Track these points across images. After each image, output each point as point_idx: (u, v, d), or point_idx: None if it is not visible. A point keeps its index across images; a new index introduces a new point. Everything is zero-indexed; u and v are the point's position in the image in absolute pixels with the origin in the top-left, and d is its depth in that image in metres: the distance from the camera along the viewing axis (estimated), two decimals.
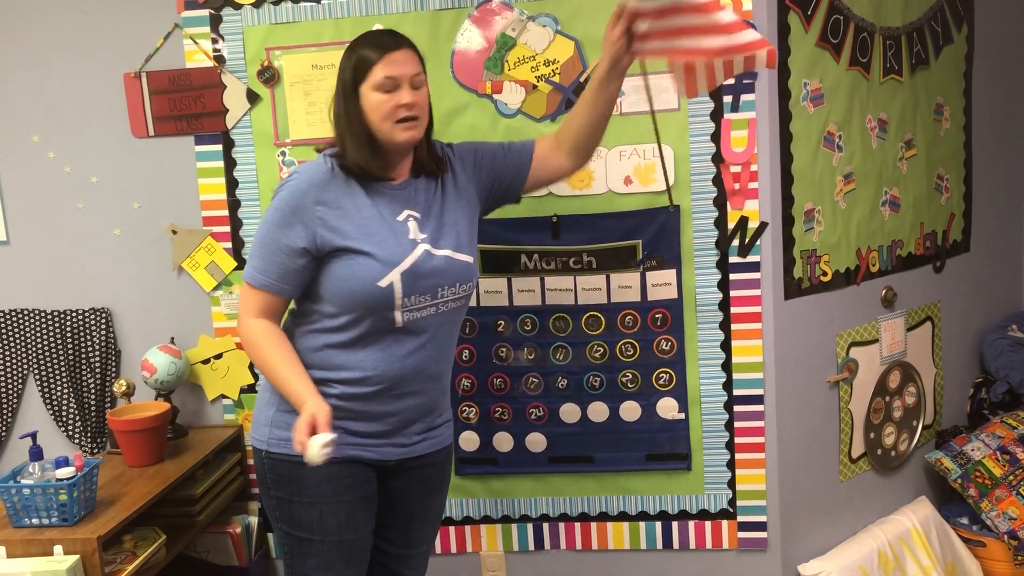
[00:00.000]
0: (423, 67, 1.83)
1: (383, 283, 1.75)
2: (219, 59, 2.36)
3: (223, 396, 2.51)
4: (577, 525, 2.49)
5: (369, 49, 1.77)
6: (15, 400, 2.55)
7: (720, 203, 2.30)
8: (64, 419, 2.53)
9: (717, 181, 2.29)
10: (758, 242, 2.31)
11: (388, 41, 1.79)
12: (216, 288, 2.45)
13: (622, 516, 2.47)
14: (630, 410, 2.40)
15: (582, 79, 2.27)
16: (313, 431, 1.67)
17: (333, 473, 1.82)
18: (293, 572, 1.91)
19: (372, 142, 1.80)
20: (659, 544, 2.47)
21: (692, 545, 2.46)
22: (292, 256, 1.77)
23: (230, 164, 2.40)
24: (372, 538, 1.95)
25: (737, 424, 2.39)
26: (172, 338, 2.47)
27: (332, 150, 1.85)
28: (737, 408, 2.38)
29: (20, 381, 2.55)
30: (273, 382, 1.81)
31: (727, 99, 2.25)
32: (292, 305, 1.88)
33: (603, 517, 2.48)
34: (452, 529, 2.52)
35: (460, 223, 1.89)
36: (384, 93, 1.76)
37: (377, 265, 1.75)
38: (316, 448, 1.63)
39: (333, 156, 1.83)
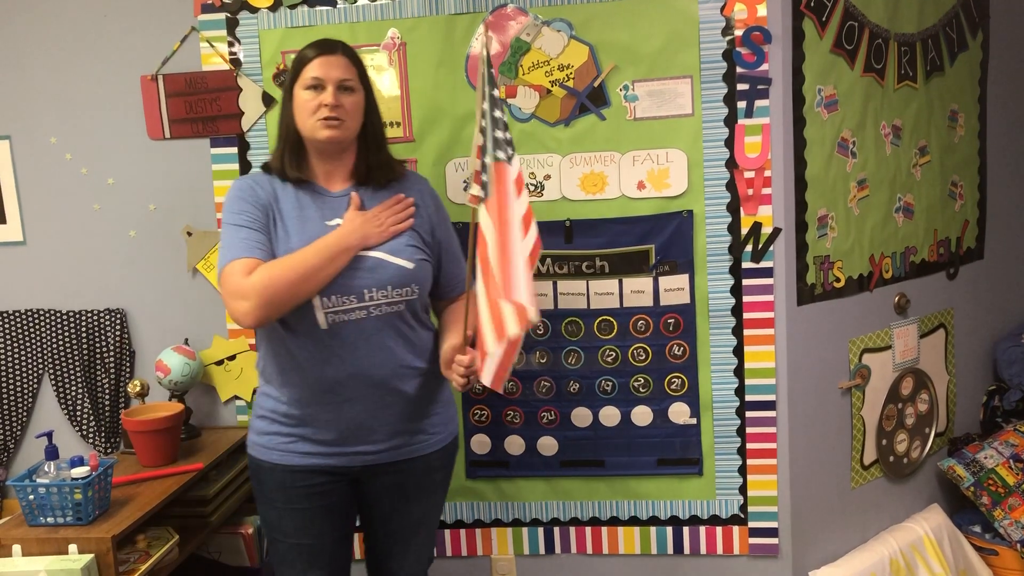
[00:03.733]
0: (361, 79, 1.89)
1: None
2: (235, 62, 2.37)
3: (236, 397, 2.52)
4: (588, 529, 2.49)
5: (307, 51, 1.87)
6: (30, 400, 2.57)
7: (733, 208, 2.30)
8: (79, 419, 2.54)
9: (731, 186, 2.29)
10: (771, 248, 2.31)
11: (324, 46, 1.87)
12: None
13: (633, 521, 2.47)
14: (642, 415, 2.41)
15: (596, 84, 2.28)
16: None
17: (287, 481, 1.90)
18: (272, 566, 2.02)
19: (296, 142, 1.89)
20: (670, 549, 2.47)
21: (703, 551, 2.46)
22: (259, 218, 1.83)
23: (245, 167, 2.41)
24: (343, 542, 2.00)
25: (749, 430, 2.38)
26: (186, 339, 2.48)
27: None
28: (749, 414, 2.38)
29: (35, 381, 2.56)
30: (314, 270, 1.76)
31: (741, 105, 2.25)
32: None
33: (614, 521, 2.48)
34: (463, 532, 2.53)
35: (402, 232, 1.89)
36: (311, 92, 1.84)
37: None
38: None
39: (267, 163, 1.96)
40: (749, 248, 2.31)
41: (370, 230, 1.84)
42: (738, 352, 2.35)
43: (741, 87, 2.25)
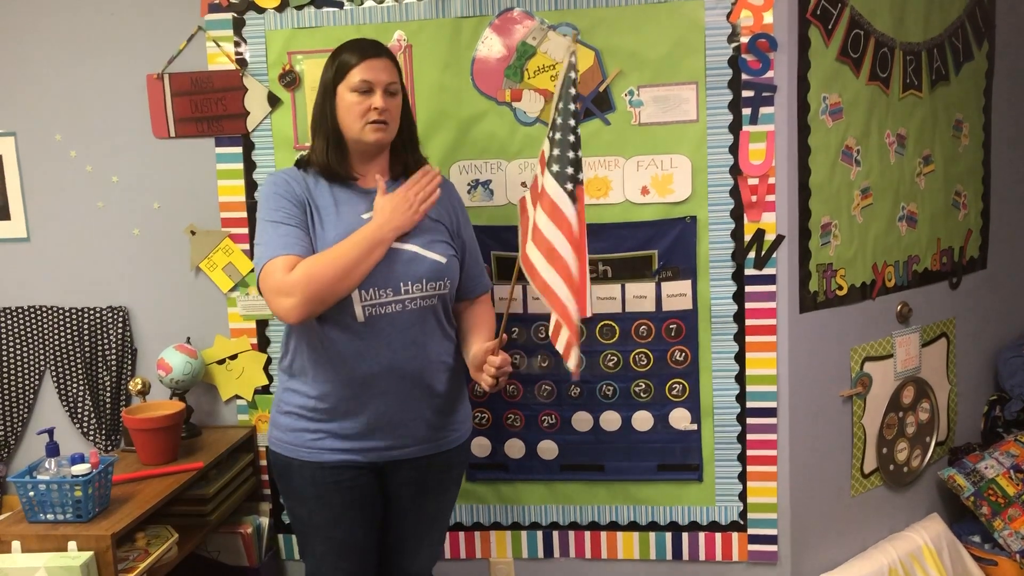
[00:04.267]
0: (401, 80, 1.94)
1: None
2: (241, 62, 2.38)
3: (237, 397, 2.52)
4: (587, 534, 2.49)
5: (351, 53, 1.89)
6: (32, 396, 2.57)
7: (737, 215, 2.30)
8: (80, 416, 2.54)
9: (734, 193, 2.29)
10: (774, 255, 2.31)
11: (370, 49, 1.90)
12: (233, 289, 2.46)
13: (632, 526, 2.47)
14: (643, 420, 2.40)
15: (601, 89, 2.28)
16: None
17: (318, 476, 1.92)
18: (303, 556, 2.05)
19: (338, 141, 1.92)
20: (669, 555, 2.47)
21: (702, 557, 2.46)
22: (297, 214, 1.86)
23: (249, 166, 2.41)
24: (372, 533, 2.02)
25: (750, 436, 2.38)
26: (188, 338, 2.48)
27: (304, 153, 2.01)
28: (750, 420, 2.38)
29: (37, 377, 2.57)
30: (353, 264, 1.78)
31: (746, 111, 2.26)
32: None
33: (613, 526, 2.48)
34: (462, 535, 2.53)
35: (433, 228, 1.95)
36: (359, 95, 1.87)
37: None
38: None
39: (303, 158, 1.99)
40: (752, 255, 2.31)
41: (402, 216, 1.85)
42: (739, 358, 2.35)
43: (746, 94, 2.25)
